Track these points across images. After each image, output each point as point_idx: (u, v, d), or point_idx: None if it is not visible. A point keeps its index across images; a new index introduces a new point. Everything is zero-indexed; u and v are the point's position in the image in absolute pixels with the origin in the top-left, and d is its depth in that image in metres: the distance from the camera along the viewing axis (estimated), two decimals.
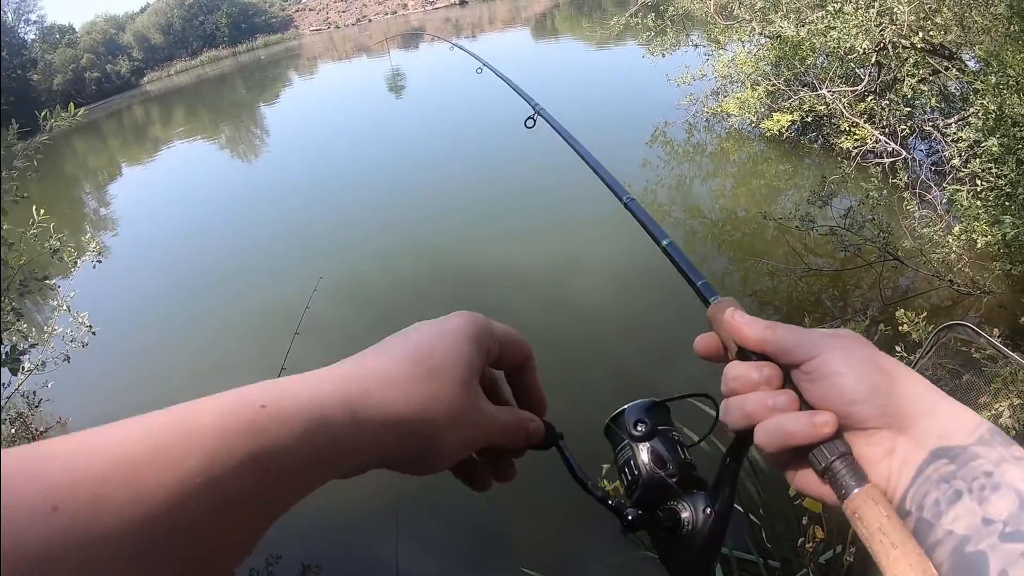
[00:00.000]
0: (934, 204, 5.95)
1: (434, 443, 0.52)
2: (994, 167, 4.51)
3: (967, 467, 0.50)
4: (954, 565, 0.47)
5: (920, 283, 5.39)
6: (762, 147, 9.65)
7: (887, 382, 0.55)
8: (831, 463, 0.54)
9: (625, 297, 6.51)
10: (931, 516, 0.50)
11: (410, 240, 9.16)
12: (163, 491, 0.36)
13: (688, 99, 10.52)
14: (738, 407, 0.58)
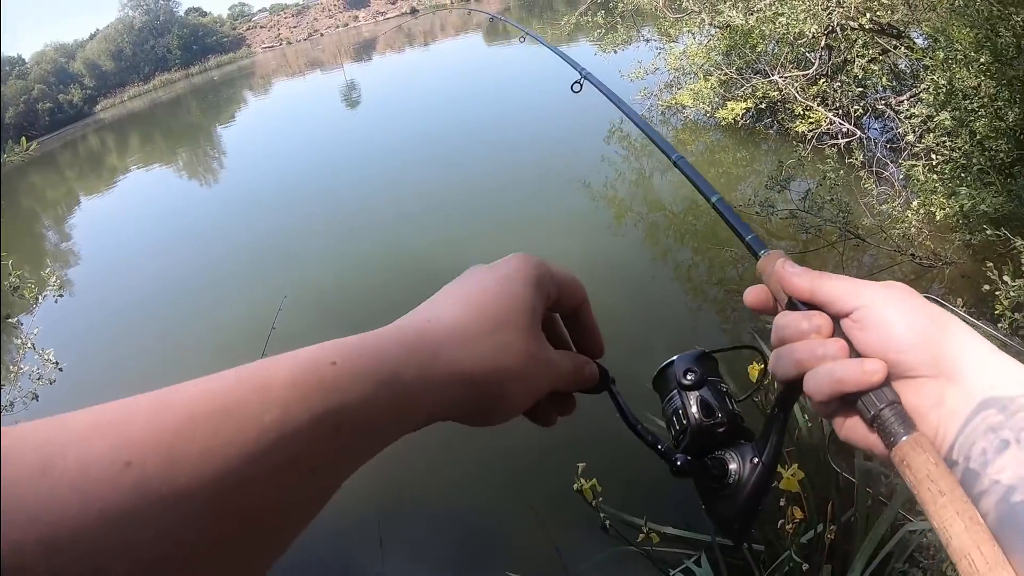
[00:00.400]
0: (892, 181, 5.99)
1: (502, 395, 0.52)
2: (947, 140, 4.54)
3: (1015, 418, 0.49)
4: (1000, 513, 0.47)
5: (883, 259, 5.41)
6: (718, 136, 9.67)
7: (937, 331, 0.55)
8: (880, 411, 0.54)
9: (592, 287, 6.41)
10: (978, 466, 0.50)
11: (379, 247, 9.09)
12: (237, 446, 0.36)
13: (643, 93, 10.55)
14: (788, 356, 0.59)
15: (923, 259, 5.08)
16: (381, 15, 71.37)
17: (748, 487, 0.60)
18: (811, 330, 0.58)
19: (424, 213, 9.87)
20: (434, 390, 0.47)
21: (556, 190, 9.42)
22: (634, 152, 10.19)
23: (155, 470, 0.32)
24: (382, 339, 0.47)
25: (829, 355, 0.56)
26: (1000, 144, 4.09)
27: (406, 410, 0.45)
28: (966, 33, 4.25)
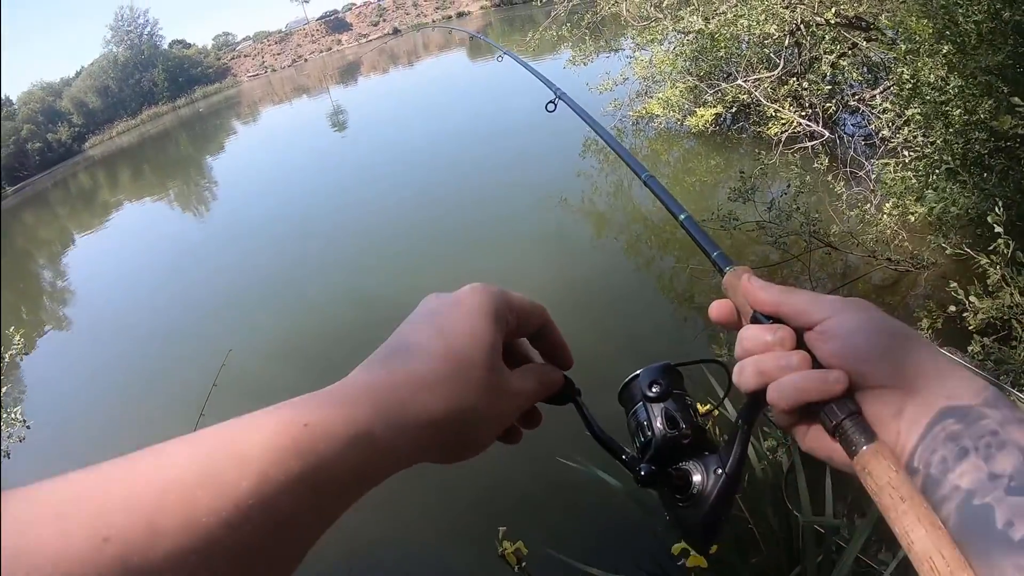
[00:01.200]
0: (867, 180, 5.75)
1: (471, 433, 0.53)
2: (920, 135, 4.30)
3: (973, 427, 0.50)
4: (961, 518, 0.48)
5: (861, 266, 5.16)
6: (691, 143, 9.53)
7: (898, 344, 0.56)
8: (842, 421, 0.55)
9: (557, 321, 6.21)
10: (938, 473, 0.50)
11: (355, 278, 8.89)
12: (217, 516, 0.36)
13: (613, 104, 10.44)
14: (752, 367, 0.60)
15: (900, 263, 4.82)
16: (364, 37, 71.68)
17: (712, 497, 0.60)
18: (775, 342, 0.59)
19: (403, 241, 9.67)
20: (406, 439, 0.48)
21: (533, 208, 9.20)
22: (610, 164, 9.98)
23: (135, 545, 0.33)
24: (350, 395, 0.47)
25: (792, 366, 0.58)
26: (976, 135, 3.82)
27: (379, 463, 0.46)
28: (925, 24, 4.01)
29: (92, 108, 66.84)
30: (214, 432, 0.41)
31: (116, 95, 68.23)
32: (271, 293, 9.47)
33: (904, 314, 4.68)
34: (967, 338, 3.15)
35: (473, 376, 0.53)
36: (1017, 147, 3.63)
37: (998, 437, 0.49)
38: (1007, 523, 0.45)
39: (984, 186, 3.72)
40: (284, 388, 4.57)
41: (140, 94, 68.85)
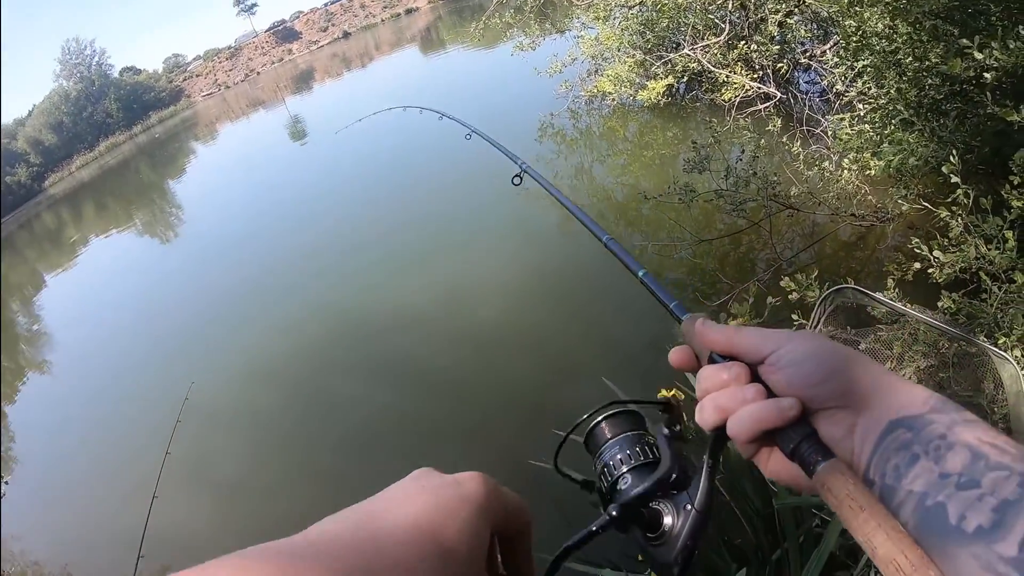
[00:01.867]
0: (825, 137, 5.66)
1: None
2: (873, 87, 4.19)
3: (922, 433, 0.53)
4: (918, 519, 0.50)
5: (827, 224, 5.07)
6: (647, 117, 9.46)
7: (843, 366, 0.59)
8: (798, 444, 0.57)
9: (524, 315, 6.22)
10: (893, 481, 0.52)
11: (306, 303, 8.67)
12: None
13: (564, 86, 10.31)
14: (711, 404, 0.63)
15: (864, 218, 4.73)
16: (314, 44, 71.26)
17: (683, 534, 0.61)
18: (731, 379, 0.63)
19: (366, 250, 9.53)
20: None
21: (495, 200, 9.04)
22: (568, 147, 9.90)
23: None
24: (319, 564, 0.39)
25: (748, 398, 0.60)
26: (929, 81, 3.71)
27: None
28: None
29: (48, 145, 66.04)
30: None
31: (71, 129, 67.41)
32: (235, 316, 9.33)
33: (874, 268, 4.61)
34: (938, 291, 3.05)
35: (458, 571, 0.46)
36: (971, 90, 3.53)
37: (946, 440, 0.51)
38: (960, 517, 0.47)
39: (941, 133, 3.62)
40: (251, 414, 4.51)
41: (95, 126, 68.07)
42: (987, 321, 2.72)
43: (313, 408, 6.08)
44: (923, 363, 2.58)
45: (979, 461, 0.49)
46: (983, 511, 0.46)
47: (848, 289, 2.77)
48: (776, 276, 4.46)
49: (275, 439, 5.92)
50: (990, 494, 0.47)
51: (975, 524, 0.46)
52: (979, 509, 0.47)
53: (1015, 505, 0.46)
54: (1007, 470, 0.48)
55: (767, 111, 6.95)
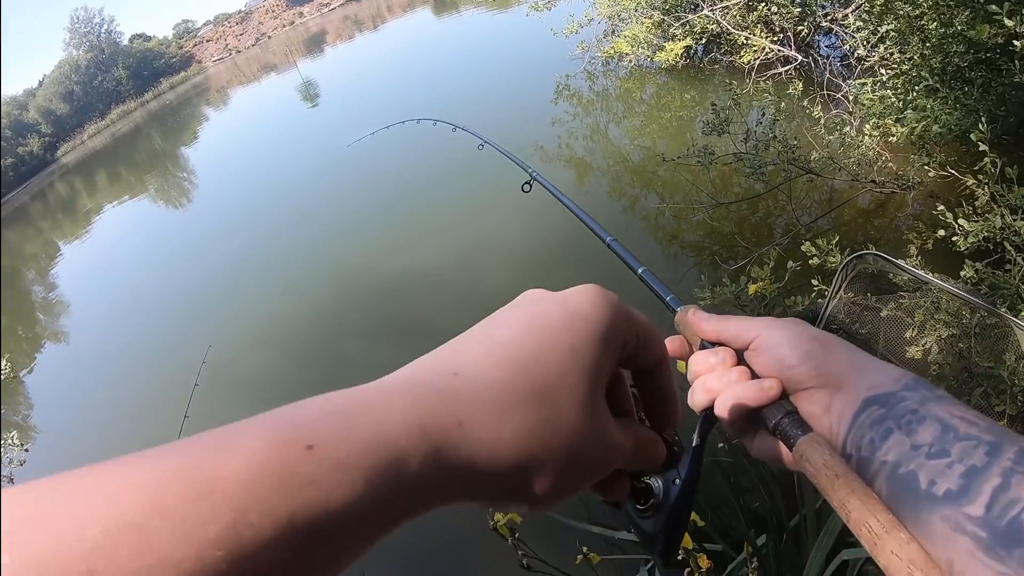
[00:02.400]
0: (846, 102, 5.61)
1: (536, 484, 0.39)
2: (896, 53, 4.13)
3: (895, 409, 0.55)
4: (891, 488, 0.52)
5: (846, 190, 5.05)
6: (664, 79, 9.36)
7: (819, 349, 0.62)
8: (779, 420, 0.61)
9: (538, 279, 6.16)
10: (868, 453, 0.55)
11: (321, 265, 8.72)
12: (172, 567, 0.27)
13: (581, 47, 10.20)
14: (700, 387, 0.66)
15: (884, 184, 4.69)
16: (326, 7, 70.55)
17: (670, 506, 0.59)
18: (718, 363, 0.66)
19: (381, 211, 9.53)
20: (449, 480, 0.35)
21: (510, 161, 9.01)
22: (584, 107, 9.83)
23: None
24: (383, 405, 0.35)
25: (732, 380, 0.64)
26: (954, 48, 3.66)
27: (406, 506, 0.33)
28: None
29: (60, 115, 66.00)
30: (188, 447, 0.31)
31: (82, 99, 67.31)
32: (251, 280, 9.40)
33: (893, 236, 4.59)
34: (959, 260, 3.04)
35: (557, 411, 0.40)
36: (997, 58, 3.48)
37: (918, 414, 0.54)
38: (930, 483, 0.50)
39: (966, 101, 3.57)
40: (269, 376, 4.59)
41: (106, 94, 67.92)
42: (1010, 293, 2.72)
43: (328, 370, 6.13)
44: (944, 332, 2.59)
45: (948, 433, 0.52)
46: (952, 477, 0.49)
47: (870, 255, 2.77)
48: (795, 241, 4.46)
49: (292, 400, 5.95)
50: (958, 462, 0.50)
51: (944, 489, 0.49)
52: (948, 475, 0.49)
53: (982, 471, 0.48)
54: (975, 440, 0.50)
55: (787, 74, 6.87)
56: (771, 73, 7.10)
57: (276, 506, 0.29)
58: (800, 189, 5.28)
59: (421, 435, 0.35)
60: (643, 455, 0.50)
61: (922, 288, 2.72)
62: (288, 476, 0.30)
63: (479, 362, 0.40)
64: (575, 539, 2.35)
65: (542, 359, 0.40)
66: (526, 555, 2.24)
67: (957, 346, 2.66)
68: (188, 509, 0.28)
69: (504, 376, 0.39)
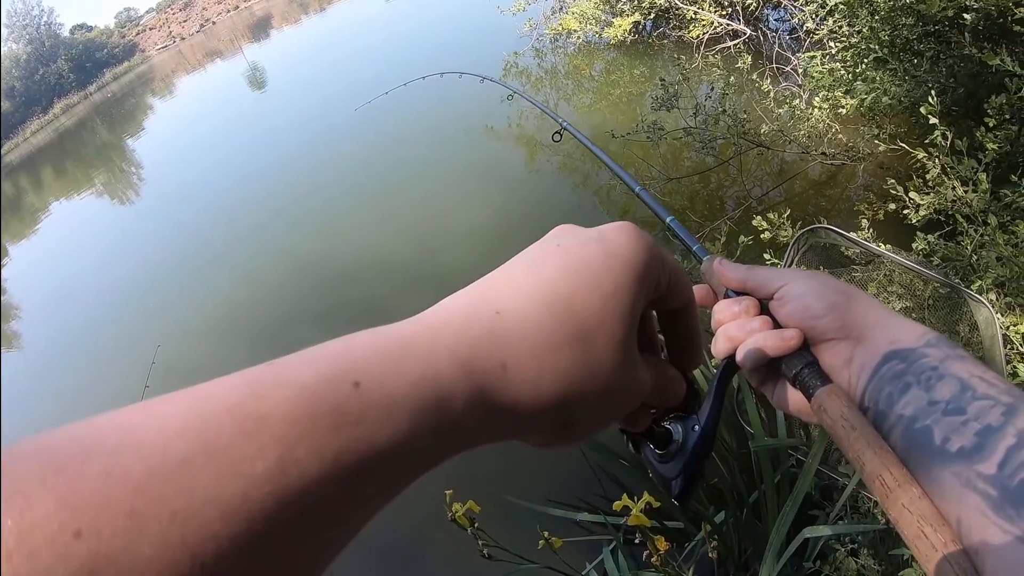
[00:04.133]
0: (795, 75, 5.61)
1: (575, 422, 0.41)
2: (845, 25, 4.11)
3: (915, 365, 0.55)
4: (905, 441, 0.53)
5: (797, 163, 5.04)
6: (613, 55, 9.32)
7: (844, 301, 0.62)
8: (800, 370, 0.61)
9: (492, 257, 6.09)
10: (885, 407, 0.55)
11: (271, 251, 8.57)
12: (219, 505, 0.27)
13: (528, 24, 10.13)
14: (722, 334, 0.66)
15: (835, 157, 4.68)
16: None
17: (688, 451, 0.61)
18: (741, 311, 0.66)
19: (329, 193, 9.39)
20: (494, 416, 0.36)
21: (461, 141, 8.95)
22: (533, 85, 9.75)
23: (112, 542, 0.24)
24: (429, 344, 0.35)
25: (755, 329, 0.64)
26: (903, 20, 3.64)
27: (450, 444, 0.35)
28: None
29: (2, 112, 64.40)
30: (233, 383, 0.31)
31: (23, 94, 65.43)
32: (201, 272, 9.15)
33: (845, 207, 4.60)
34: (911, 231, 3.03)
35: (598, 350, 0.40)
36: (947, 30, 3.46)
37: (937, 371, 0.54)
38: (944, 439, 0.50)
39: (915, 73, 3.56)
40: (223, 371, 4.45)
41: (48, 88, 65.99)
42: (962, 264, 2.71)
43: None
44: (898, 304, 2.58)
45: (967, 391, 0.52)
46: (966, 434, 0.49)
47: (822, 229, 2.74)
48: (746, 214, 4.44)
49: None
50: (974, 420, 0.50)
51: (958, 445, 0.49)
52: (963, 432, 0.49)
53: (997, 431, 0.48)
54: (992, 400, 0.50)
55: (736, 48, 6.86)
56: (720, 47, 7.09)
57: (323, 443, 0.30)
58: (751, 162, 5.29)
59: (466, 376, 0.35)
60: (667, 392, 0.51)
61: (874, 261, 2.70)
62: (335, 413, 0.31)
63: (521, 302, 0.40)
64: (536, 524, 2.29)
65: (584, 301, 0.40)
66: (486, 544, 2.21)
67: (911, 317, 2.64)
68: (234, 447, 0.28)
69: (546, 317, 0.39)
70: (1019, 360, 2.43)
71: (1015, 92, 2.85)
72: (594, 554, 2.61)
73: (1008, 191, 2.81)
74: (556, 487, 3.27)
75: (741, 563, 2.49)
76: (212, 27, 68.89)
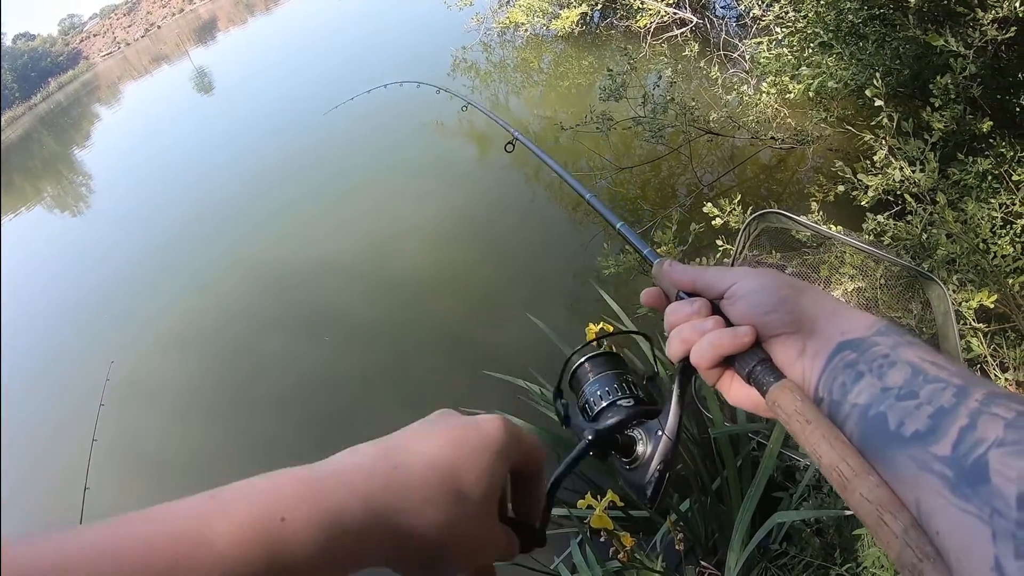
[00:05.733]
0: (743, 61, 5.61)
1: (442, 565, 0.51)
2: (791, 11, 4.10)
3: (867, 353, 0.56)
4: (861, 428, 0.53)
5: (746, 148, 5.05)
6: (561, 47, 9.34)
7: (793, 294, 0.63)
8: (753, 367, 0.62)
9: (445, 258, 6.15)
10: (839, 396, 0.55)
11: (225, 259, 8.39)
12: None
13: (476, 19, 10.12)
14: (676, 336, 0.67)
15: (784, 140, 4.69)
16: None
17: (655, 458, 0.66)
18: (693, 312, 0.67)
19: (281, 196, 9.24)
20: (382, 548, 0.47)
21: (411, 137, 8.87)
22: (482, 80, 9.72)
23: None
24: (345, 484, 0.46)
25: (707, 328, 0.65)
26: (848, 4, 3.63)
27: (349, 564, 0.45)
28: None
29: None
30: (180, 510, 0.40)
31: None
32: (151, 284, 8.86)
33: (795, 190, 4.62)
34: (861, 214, 3.03)
35: (469, 508, 0.51)
36: (891, 13, 3.46)
37: (889, 358, 0.54)
38: (899, 424, 0.50)
39: (860, 56, 3.55)
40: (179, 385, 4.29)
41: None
42: (913, 243, 2.71)
43: (241, 372, 5.89)
44: (851, 285, 2.59)
45: (918, 376, 0.52)
46: (920, 418, 0.49)
47: (772, 214, 2.72)
48: (698, 201, 4.44)
49: (207, 409, 5.67)
50: (927, 403, 0.50)
51: (912, 429, 0.49)
52: (916, 416, 0.50)
53: (950, 413, 0.48)
54: (944, 383, 0.51)
55: (683, 37, 6.88)
56: (667, 36, 7.11)
57: (256, 560, 0.39)
58: (701, 149, 5.30)
59: (371, 516, 0.46)
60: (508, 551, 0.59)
61: (826, 243, 2.71)
62: (264, 539, 0.40)
63: (414, 462, 0.51)
64: None
65: (464, 469, 0.52)
66: None
67: (863, 297, 2.66)
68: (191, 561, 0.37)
69: (434, 478, 0.50)
70: (972, 335, 2.44)
71: (960, 72, 2.86)
72: (562, 548, 2.61)
73: (955, 169, 2.82)
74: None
75: (709, 547, 2.51)
76: (157, 31, 67.89)
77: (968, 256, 2.58)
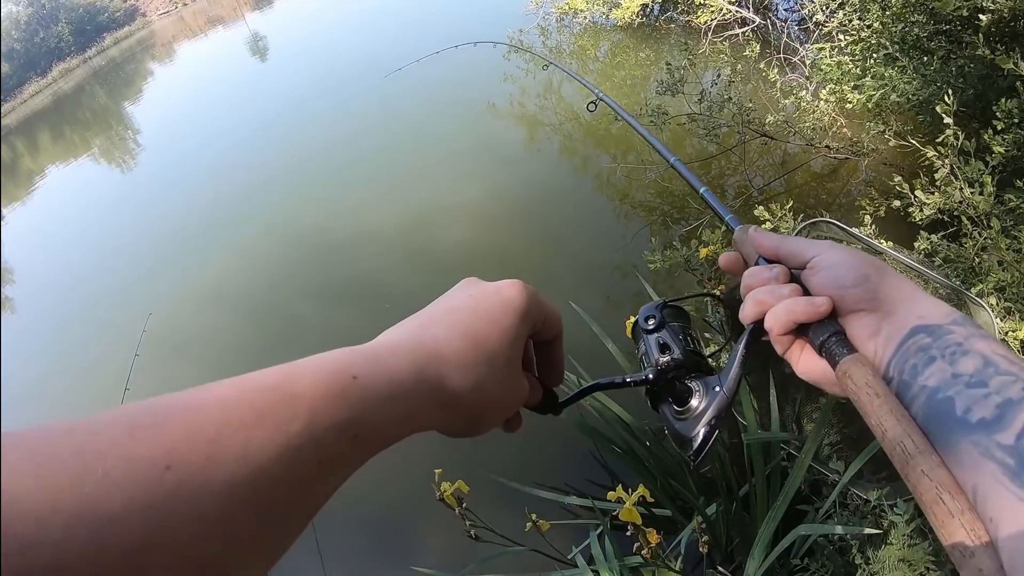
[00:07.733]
0: (803, 66, 5.57)
1: (484, 417, 0.58)
2: (855, 19, 4.06)
3: (941, 340, 0.57)
4: (927, 410, 0.55)
5: (800, 154, 5.03)
6: (619, 37, 9.26)
7: (875, 274, 0.64)
8: (827, 338, 0.63)
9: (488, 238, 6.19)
10: (909, 377, 0.57)
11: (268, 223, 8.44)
12: (269, 451, 0.39)
13: (535, 2, 10.17)
14: (751, 299, 0.69)
15: (838, 151, 4.67)
16: None
17: (708, 410, 0.67)
18: (772, 277, 0.69)
19: (329, 167, 9.27)
20: (434, 407, 0.53)
21: (462, 119, 8.89)
22: (537, 64, 9.66)
23: (194, 474, 0.36)
24: (397, 356, 0.52)
25: (785, 294, 0.66)
26: (915, 17, 3.60)
27: (410, 423, 0.51)
28: None
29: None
30: (271, 373, 0.44)
31: (23, 56, 64.56)
32: (194, 241, 9.00)
33: (846, 201, 4.59)
34: (912, 229, 3.02)
35: (497, 369, 0.57)
36: (959, 30, 3.42)
37: (962, 347, 0.56)
38: (965, 410, 0.52)
39: (925, 71, 3.52)
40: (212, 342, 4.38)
41: (48, 51, 65.13)
42: (964, 266, 2.71)
43: (276, 335, 5.97)
44: None
45: (989, 367, 0.54)
46: (987, 407, 0.51)
47: (823, 222, 2.73)
48: (747, 204, 4.45)
49: (238, 367, 5.77)
50: (996, 393, 0.51)
51: (978, 416, 0.51)
52: (983, 405, 0.51)
53: (1017, 405, 0.50)
54: (1014, 376, 0.52)
55: (744, 36, 6.83)
56: (728, 34, 7.06)
57: (335, 413, 0.44)
58: (753, 152, 5.28)
59: (422, 383, 0.51)
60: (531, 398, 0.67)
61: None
62: (340, 393, 0.45)
63: (449, 335, 0.56)
64: (524, 505, 2.33)
65: (489, 335, 0.57)
66: (474, 525, 2.24)
67: None
68: (278, 412, 0.41)
69: (465, 348, 0.55)
70: None
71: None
72: (581, 538, 2.63)
73: (1012, 195, 2.80)
74: (544, 471, 3.30)
75: (727, 553, 2.52)
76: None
77: (1018, 285, 2.57)
